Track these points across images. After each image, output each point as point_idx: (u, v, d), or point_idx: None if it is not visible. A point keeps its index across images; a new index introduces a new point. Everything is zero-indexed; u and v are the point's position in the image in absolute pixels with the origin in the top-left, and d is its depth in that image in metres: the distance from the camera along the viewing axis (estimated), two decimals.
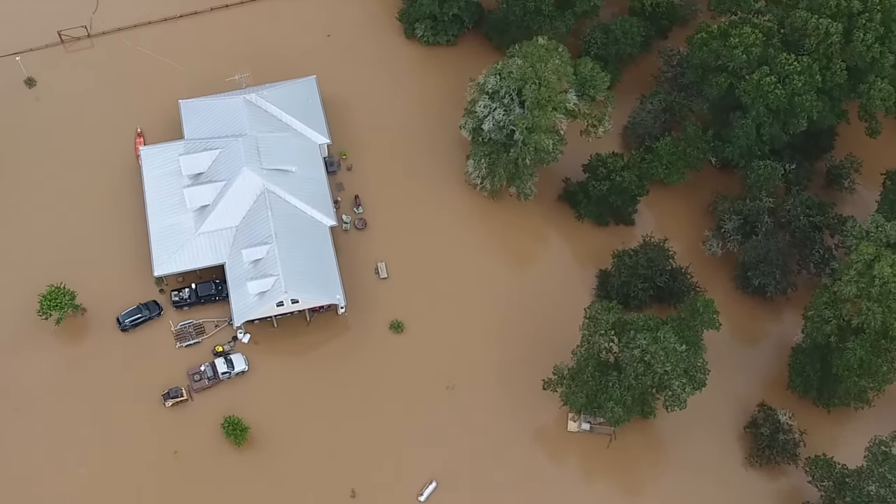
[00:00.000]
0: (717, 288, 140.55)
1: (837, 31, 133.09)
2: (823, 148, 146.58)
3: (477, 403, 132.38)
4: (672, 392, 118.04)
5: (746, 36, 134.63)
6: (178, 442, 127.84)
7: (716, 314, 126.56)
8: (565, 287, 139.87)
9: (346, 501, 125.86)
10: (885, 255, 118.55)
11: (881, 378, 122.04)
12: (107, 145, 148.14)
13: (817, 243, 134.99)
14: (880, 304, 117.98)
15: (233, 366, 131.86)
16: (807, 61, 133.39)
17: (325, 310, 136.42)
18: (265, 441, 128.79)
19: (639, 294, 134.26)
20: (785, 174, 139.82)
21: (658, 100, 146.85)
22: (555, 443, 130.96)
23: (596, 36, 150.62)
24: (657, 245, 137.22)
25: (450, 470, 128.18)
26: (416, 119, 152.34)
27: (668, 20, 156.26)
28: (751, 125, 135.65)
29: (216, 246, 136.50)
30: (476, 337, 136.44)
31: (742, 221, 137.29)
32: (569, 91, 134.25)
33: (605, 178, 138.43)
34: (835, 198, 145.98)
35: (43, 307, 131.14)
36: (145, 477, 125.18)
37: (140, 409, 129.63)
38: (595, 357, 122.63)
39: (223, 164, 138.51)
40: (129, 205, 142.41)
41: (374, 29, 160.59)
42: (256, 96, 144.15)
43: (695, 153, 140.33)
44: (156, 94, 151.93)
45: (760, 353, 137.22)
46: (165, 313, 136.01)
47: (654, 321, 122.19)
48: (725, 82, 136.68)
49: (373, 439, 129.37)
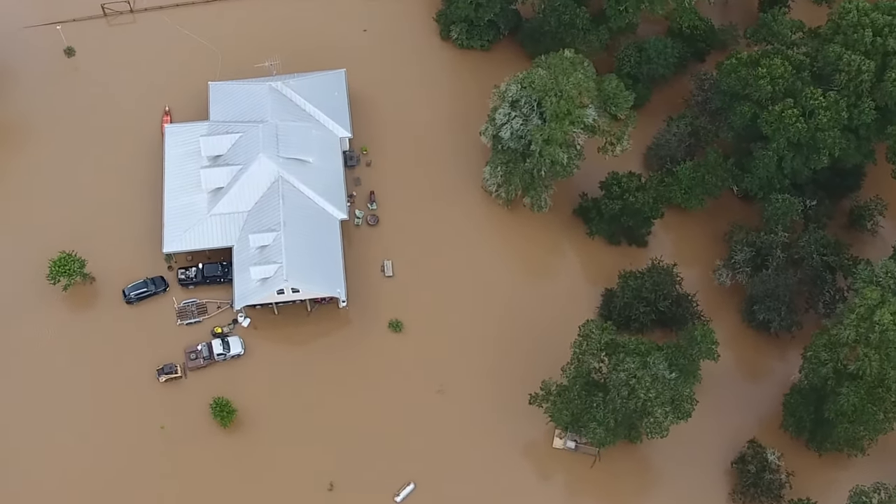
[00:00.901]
0: (723, 319, 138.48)
1: (869, 69, 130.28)
2: (849, 187, 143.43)
3: (466, 410, 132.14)
4: (654, 419, 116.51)
5: (776, 67, 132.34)
6: (167, 417, 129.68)
7: (714, 345, 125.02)
8: (569, 303, 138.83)
9: (323, 494, 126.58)
10: (889, 302, 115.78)
11: (874, 426, 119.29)
12: (136, 120, 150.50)
13: (828, 283, 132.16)
14: (878, 351, 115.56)
15: (229, 348, 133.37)
16: (834, 97, 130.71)
17: (326, 302, 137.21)
18: (251, 425, 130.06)
19: (640, 317, 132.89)
20: (804, 210, 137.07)
21: (684, 123, 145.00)
22: (539, 458, 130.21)
23: (629, 53, 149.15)
24: (665, 269, 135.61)
25: (430, 473, 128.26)
26: (441, 121, 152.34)
27: (705, 43, 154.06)
28: (771, 157, 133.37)
29: (226, 229, 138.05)
30: (473, 343, 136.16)
31: (754, 254, 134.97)
32: (589, 106, 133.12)
33: (618, 197, 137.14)
34: (856, 239, 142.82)
35: (52, 272, 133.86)
36: (129, 447, 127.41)
37: (134, 381, 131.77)
38: (584, 376, 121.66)
39: (241, 149, 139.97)
40: (149, 180, 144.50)
41: (411, 27, 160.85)
42: (282, 84, 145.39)
43: (714, 181, 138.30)
44: (189, 74, 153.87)
45: (760, 389, 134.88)
46: (171, 290, 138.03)
47: (645, 346, 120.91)
48: (749, 111, 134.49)
49: (357, 435, 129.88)
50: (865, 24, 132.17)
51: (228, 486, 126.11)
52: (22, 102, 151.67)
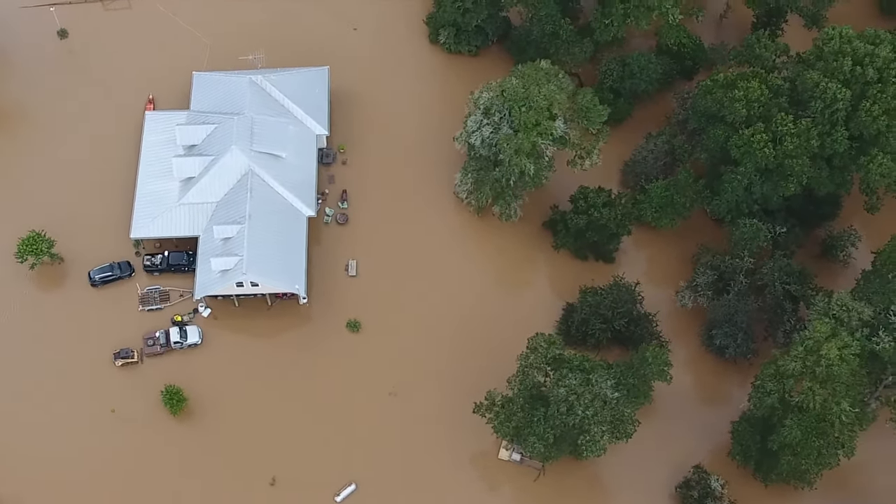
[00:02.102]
0: (684, 341, 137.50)
1: (845, 97, 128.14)
2: (824, 215, 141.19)
3: (415, 414, 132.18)
4: (590, 437, 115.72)
5: (752, 90, 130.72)
6: (118, 401, 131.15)
7: (666, 366, 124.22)
8: (530, 315, 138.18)
9: (264, 488, 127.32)
10: (839, 337, 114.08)
11: (818, 460, 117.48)
12: (122, 106, 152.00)
13: (788, 313, 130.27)
14: (823, 385, 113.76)
15: (186, 337, 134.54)
16: (806, 125, 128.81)
17: (287, 297, 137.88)
18: (201, 415, 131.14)
19: (596, 333, 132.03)
20: (773, 236, 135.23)
21: (662, 140, 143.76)
22: (483, 468, 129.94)
23: (612, 67, 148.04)
24: (626, 287, 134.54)
25: (373, 475, 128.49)
26: (422, 124, 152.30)
27: (693, 62, 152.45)
28: (740, 181, 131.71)
29: (194, 218, 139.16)
30: (430, 349, 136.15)
31: (716, 277, 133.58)
32: (558, 118, 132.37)
33: (583, 211, 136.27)
34: (827, 269, 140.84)
35: (20, 251, 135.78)
36: (78, 427, 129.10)
37: (91, 362, 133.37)
38: (528, 389, 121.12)
39: (216, 140, 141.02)
40: (128, 166, 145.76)
41: (402, 29, 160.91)
42: (262, 78, 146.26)
43: (682, 201, 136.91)
44: (177, 63, 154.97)
45: (714, 415, 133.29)
46: (136, 276, 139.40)
47: (590, 363, 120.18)
48: (723, 134, 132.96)
49: (304, 432, 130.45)
50: (847, 52, 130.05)
51: (172, 474, 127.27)
52: (12, 82, 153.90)
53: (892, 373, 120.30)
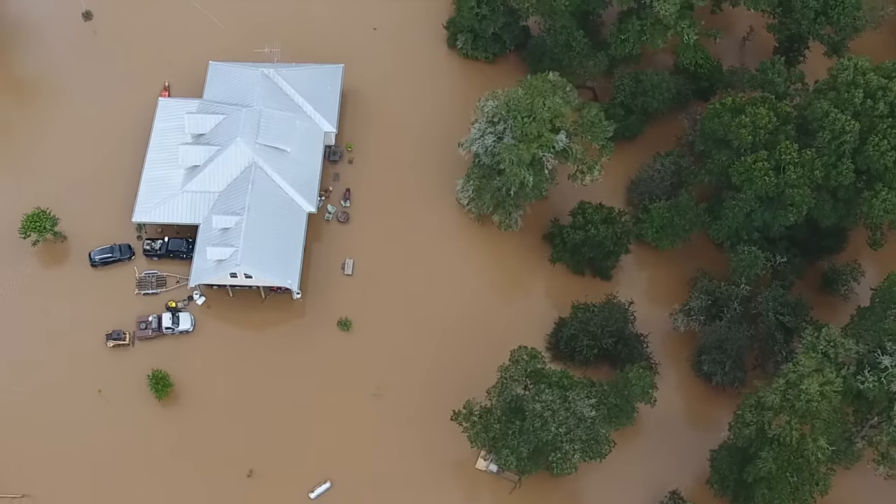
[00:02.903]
0: (674, 364, 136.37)
1: (853, 129, 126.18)
2: (828, 248, 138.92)
3: (397, 417, 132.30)
4: (562, 454, 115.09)
5: (760, 117, 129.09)
6: (106, 381, 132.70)
7: (651, 388, 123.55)
8: (521, 326, 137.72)
9: (241, 479, 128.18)
10: (822, 372, 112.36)
11: (792, 496, 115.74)
12: (137, 90, 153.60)
13: (780, 344, 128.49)
14: (802, 420, 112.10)
15: (178, 323, 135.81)
16: (810, 155, 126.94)
17: (281, 291, 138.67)
18: (185, 401, 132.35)
19: (584, 350, 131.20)
20: (773, 265, 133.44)
21: (669, 161, 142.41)
22: (460, 477, 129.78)
23: (625, 83, 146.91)
24: (619, 306, 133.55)
25: (349, 475, 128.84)
26: (432, 128, 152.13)
27: (709, 83, 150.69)
28: (740, 207, 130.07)
29: (196, 206, 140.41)
30: (417, 352, 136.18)
31: (710, 303, 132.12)
32: (560, 131, 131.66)
33: (580, 227, 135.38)
34: (827, 303, 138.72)
35: (24, 227, 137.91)
36: (63, 405, 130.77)
37: (83, 342, 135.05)
38: (507, 401, 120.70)
39: (223, 131, 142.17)
40: (137, 150, 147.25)
41: (421, 31, 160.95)
42: (274, 72, 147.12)
43: (682, 223, 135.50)
44: (196, 51, 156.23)
45: (697, 440, 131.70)
46: (135, 259, 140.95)
47: (569, 380, 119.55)
48: (726, 159, 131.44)
49: (285, 427, 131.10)
50: (859, 83, 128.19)
51: (151, 458, 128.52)
52: (34, 59, 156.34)
53: (878, 413, 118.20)
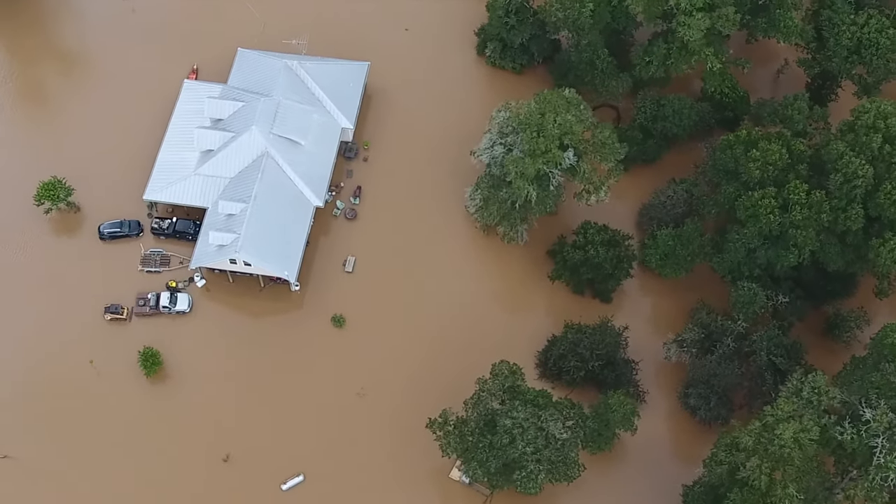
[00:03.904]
0: (664, 394, 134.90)
1: (866, 174, 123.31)
2: (835, 292, 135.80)
3: (379, 418, 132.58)
4: (526, 473, 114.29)
5: (771, 153, 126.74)
6: (99, 353, 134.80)
7: (632, 416, 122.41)
8: (514, 339, 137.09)
9: (216, 463, 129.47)
10: (801, 419, 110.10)
11: None
12: (167, 70, 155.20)
13: (769, 384, 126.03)
14: (773, 466, 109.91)
15: (175, 303, 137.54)
16: (819, 197, 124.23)
17: (280, 282, 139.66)
18: (173, 381, 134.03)
19: (571, 371, 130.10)
20: (774, 304, 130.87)
21: (682, 189, 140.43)
22: (432, 484, 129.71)
23: (647, 106, 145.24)
24: (612, 330, 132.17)
25: (323, 471, 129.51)
26: (451, 134, 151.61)
27: (734, 113, 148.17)
28: (743, 243, 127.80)
29: (206, 190, 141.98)
30: (406, 355, 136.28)
31: (704, 336, 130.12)
32: (568, 149, 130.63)
33: (581, 247, 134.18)
34: (829, 348, 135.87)
35: (39, 194, 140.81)
36: (52, 372, 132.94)
37: (82, 312, 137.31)
38: (482, 414, 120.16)
39: (240, 118, 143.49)
40: (158, 129, 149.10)
41: (452, 35, 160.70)
42: (298, 64, 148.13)
43: (684, 253, 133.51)
44: (229, 36, 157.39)
45: (676, 473, 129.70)
46: (143, 236, 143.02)
47: (546, 400, 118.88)
48: (734, 192, 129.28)
49: (268, 416, 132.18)
50: (880, 128, 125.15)
51: (132, 433, 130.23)
52: (72, 31, 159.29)
53: (858, 466, 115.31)
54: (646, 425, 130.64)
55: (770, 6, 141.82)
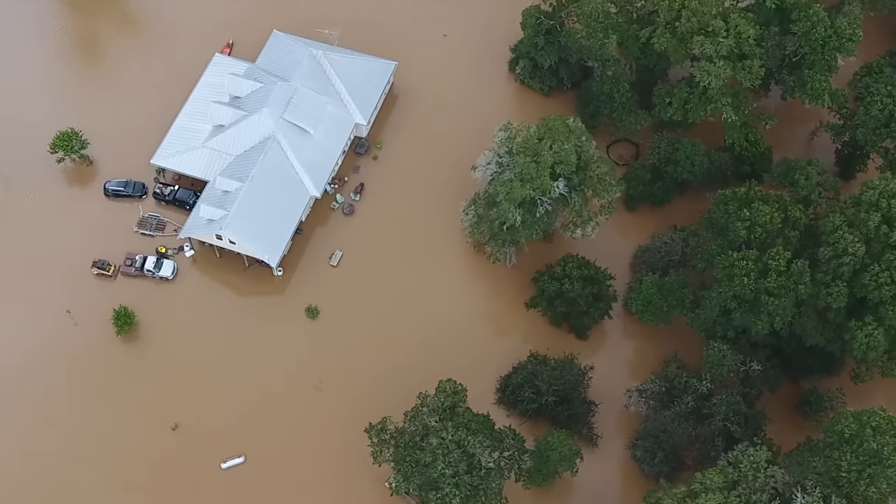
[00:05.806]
0: (620, 441, 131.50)
1: (857, 252, 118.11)
2: (814, 368, 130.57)
3: (331, 415, 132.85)
4: (441, 496, 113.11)
5: (762, 214, 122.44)
6: (77, 304, 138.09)
7: (574, 457, 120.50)
8: (482, 360, 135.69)
9: (164, 429, 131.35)
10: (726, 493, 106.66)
11: None
12: (206, 41, 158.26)
13: (717, 450, 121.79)
14: None
15: (160, 268, 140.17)
16: (800, 267, 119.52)
17: (265, 265, 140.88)
18: (142, 344, 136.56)
19: (525, 402, 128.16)
20: (746, 369, 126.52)
21: (679, 237, 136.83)
22: (367, 488, 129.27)
23: (661, 147, 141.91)
24: (575, 367, 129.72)
25: (264, 457, 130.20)
26: (465, 146, 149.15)
27: (751, 167, 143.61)
28: (715, 301, 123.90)
29: (211, 163, 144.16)
30: (373, 357, 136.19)
31: (665, 390, 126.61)
32: (560, 178, 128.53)
33: (557, 279, 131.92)
34: (798, 424, 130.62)
35: (55, 143, 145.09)
36: (30, 315, 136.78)
37: (70, 262, 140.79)
38: (417, 429, 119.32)
39: (255, 98, 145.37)
40: (184, 98, 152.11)
41: (488, 48, 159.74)
42: (322, 54, 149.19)
43: (661, 304, 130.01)
44: (270, 15, 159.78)
45: None
46: (145, 199, 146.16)
47: (480, 425, 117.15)
48: (717, 249, 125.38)
49: (224, 394, 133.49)
50: (881, 206, 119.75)
51: (90, 388, 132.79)
52: None
53: None
54: (593, 469, 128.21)
55: (802, 65, 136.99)
